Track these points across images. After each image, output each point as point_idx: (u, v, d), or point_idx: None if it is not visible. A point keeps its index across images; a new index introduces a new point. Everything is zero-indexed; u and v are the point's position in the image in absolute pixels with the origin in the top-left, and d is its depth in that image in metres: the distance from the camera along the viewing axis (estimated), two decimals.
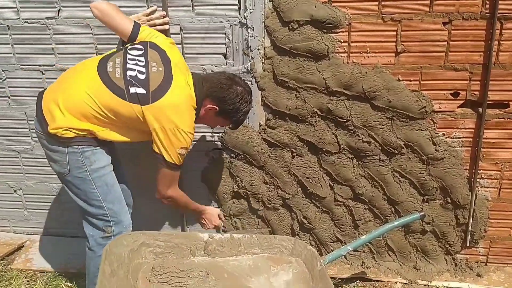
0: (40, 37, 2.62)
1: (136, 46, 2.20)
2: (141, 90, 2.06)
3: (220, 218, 2.58)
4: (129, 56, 2.14)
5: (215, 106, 2.18)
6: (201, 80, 2.20)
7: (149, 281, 1.93)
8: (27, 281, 2.72)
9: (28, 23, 2.61)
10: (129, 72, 2.09)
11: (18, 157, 2.94)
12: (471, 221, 2.65)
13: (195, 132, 2.12)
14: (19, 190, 3.02)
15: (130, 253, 1.98)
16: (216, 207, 2.69)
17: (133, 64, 2.12)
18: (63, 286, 2.59)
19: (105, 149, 2.18)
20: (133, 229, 2.29)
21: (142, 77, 2.08)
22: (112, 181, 2.21)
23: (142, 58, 2.14)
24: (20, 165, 2.95)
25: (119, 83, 2.06)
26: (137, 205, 2.60)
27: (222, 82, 2.18)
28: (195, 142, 2.74)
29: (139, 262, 2.00)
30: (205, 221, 2.54)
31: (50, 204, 3.04)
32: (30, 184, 2.99)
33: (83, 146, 2.09)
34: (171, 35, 2.48)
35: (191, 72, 2.26)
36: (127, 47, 2.21)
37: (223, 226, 2.56)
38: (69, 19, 2.57)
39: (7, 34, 2.65)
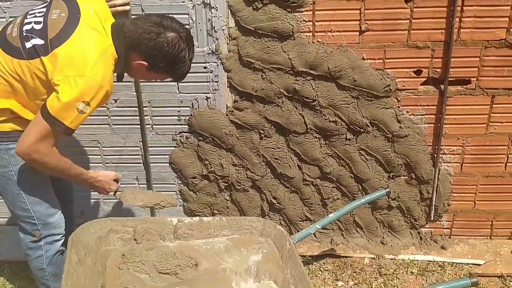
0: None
1: (45, 3, 1.92)
2: (38, 41, 1.76)
3: (116, 181, 2.17)
4: (30, 12, 1.88)
5: (143, 62, 1.83)
6: (121, 26, 1.84)
7: (119, 268, 1.92)
8: None
9: None
10: (25, 27, 1.81)
11: None
12: (434, 196, 2.73)
13: (162, 116, 1.97)
14: None
15: (97, 240, 1.95)
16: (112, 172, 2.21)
17: (31, 17, 1.85)
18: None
19: None
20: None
21: (38, 27, 1.79)
22: (41, 181, 1.99)
23: (43, 9, 1.86)
24: None
25: (15, 42, 1.79)
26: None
27: (147, 31, 1.79)
28: (162, 126, 2.70)
29: (107, 249, 1.98)
30: (100, 188, 2.10)
31: None
32: None
33: (8, 143, 1.86)
34: (132, 16, 2.41)
35: (114, 21, 1.93)
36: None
37: (119, 190, 2.19)
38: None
39: None
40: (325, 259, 2.79)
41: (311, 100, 2.55)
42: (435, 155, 2.65)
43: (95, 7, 1.87)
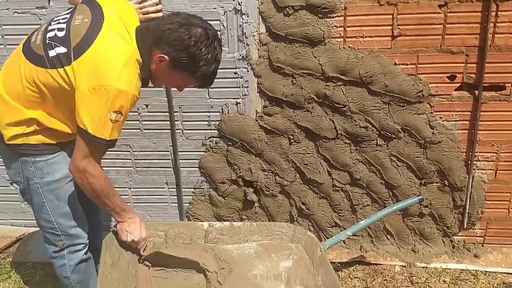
0: (31, 27, 2.57)
1: (70, 9, 1.89)
2: (61, 49, 1.70)
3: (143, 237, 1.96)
4: (54, 19, 1.83)
5: (164, 55, 1.71)
6: (146, 27, 1.76)
7: (150, 271, 1.94)
8: (27, 273, 2.72)
9: (18, 13, 2.57)
10: (48, 34, 1.76)
11: None
12: (468, 203, 2.67)
13: (192, 121, 1.94)
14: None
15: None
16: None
17: (55, 24, 1.79)
18: None
19: (67, 151, 1.90)
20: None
21: (61, 34, 1.73)
22: (66, 194, 1.94)
23: (67, 15, 1.80)
24: None
25: (39, 51, 1.75)
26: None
27: (171, 22, 1.70)
28: (191, 131, 2.73)
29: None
30: (129, 229, 1.90)
31: None
32: None
33: (34, 156, 1.85)
34: None
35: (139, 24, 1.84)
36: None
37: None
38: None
39: None
40: (354, 266, 2.76)
41: (342, 106, 2.54)
42: (469, 162, 2.59)
43: (119, 11, 1.80)
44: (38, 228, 2.73)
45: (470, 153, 2.58)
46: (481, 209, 2.71)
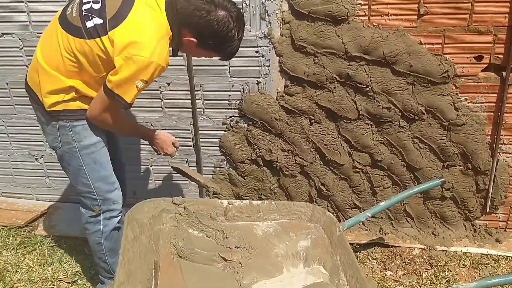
0: (57, 4, 2.59)
1: None
2: (98, 21, 1.83)
3: (174, 145, 2.29)
4: None
5: (193, 39, 1.87)
6: (175, 2, 1.85)
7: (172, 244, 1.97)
8: (51, 246, 2.79)
9: None
10: (84, 7, 1.87)
11: (38, 126, 2.96)
12: (491, 187, 2.63)
13: (213, 100, 2.01)
14: (40, 158, 3.07)
15: (151, 219, 2.00)
16: (170, 135, 2.30)
17: None
18: (87, 251, 2.66)
19: None
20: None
21: (97, 6, 1.85)
22: (102, 159, 2.10)
23: None
24: (40, 134, 2.97)
25: (76, 22, 1.86)
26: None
27: (198, 8, 1.80)
28: (212, 110, 2.73)
29: (160, 228, 2.03)
30: (157, 147, 2.24)
31: None
32: (51, 153, 3.03)
33: (72, 120, 1.98)
34: None
35: None
36: None
37: (176, 153, 2.30)
38: None
39: (22, 1, 2.63)
40: (373, 248, 2.75)
41: (364, 86, 2.50)
42: (494, 145, 2.54)
43: None
44: (61, 203, 2.80)
45: (495, 136, 2.52)
46: (505, 193, 2.65)
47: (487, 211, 2.71)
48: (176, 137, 2.80)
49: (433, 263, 2.60)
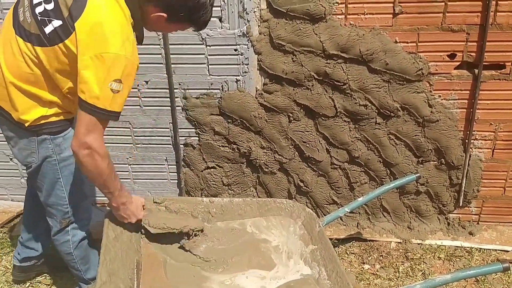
0: None
1: None
2: (56, 23, 1.65)
3: (143, 209, 2.02)
4: None
5: (162, 14, 1.69)
6: None
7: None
8: None
9: None
10: (37, 10, 1.68)
11: None
12: (464, 182, 2.71)
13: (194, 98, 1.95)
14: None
15: None
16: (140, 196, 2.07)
17: None
18: None
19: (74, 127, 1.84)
20: None
21: (50, 6, 1.67)
22: (77, 171, 1.96)
23: None
24: None
25: (33, 29, 1.68)
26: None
27: None
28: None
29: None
30: (129, 213, 1.91)
31: None
32: None
33: (53, 133, 1.85)
34: None
35: None
36: None
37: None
38: None
39: None
40: (351, 243, 2.81)
41: (342, 84, 2.54)
42: (467, 141, 2.62)
43: None
44: None
45: (468, 132, 2.60)
46: (477, 187, 2.74)
47: (460, 205, 2.79)
48: (155, 136, 2.82)
49: (409, 256, 2.67)
